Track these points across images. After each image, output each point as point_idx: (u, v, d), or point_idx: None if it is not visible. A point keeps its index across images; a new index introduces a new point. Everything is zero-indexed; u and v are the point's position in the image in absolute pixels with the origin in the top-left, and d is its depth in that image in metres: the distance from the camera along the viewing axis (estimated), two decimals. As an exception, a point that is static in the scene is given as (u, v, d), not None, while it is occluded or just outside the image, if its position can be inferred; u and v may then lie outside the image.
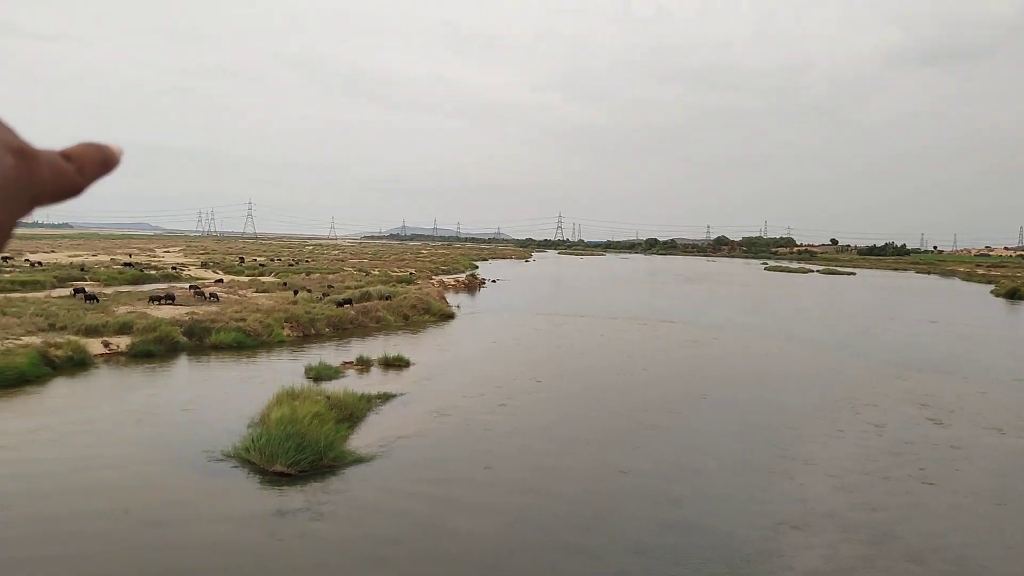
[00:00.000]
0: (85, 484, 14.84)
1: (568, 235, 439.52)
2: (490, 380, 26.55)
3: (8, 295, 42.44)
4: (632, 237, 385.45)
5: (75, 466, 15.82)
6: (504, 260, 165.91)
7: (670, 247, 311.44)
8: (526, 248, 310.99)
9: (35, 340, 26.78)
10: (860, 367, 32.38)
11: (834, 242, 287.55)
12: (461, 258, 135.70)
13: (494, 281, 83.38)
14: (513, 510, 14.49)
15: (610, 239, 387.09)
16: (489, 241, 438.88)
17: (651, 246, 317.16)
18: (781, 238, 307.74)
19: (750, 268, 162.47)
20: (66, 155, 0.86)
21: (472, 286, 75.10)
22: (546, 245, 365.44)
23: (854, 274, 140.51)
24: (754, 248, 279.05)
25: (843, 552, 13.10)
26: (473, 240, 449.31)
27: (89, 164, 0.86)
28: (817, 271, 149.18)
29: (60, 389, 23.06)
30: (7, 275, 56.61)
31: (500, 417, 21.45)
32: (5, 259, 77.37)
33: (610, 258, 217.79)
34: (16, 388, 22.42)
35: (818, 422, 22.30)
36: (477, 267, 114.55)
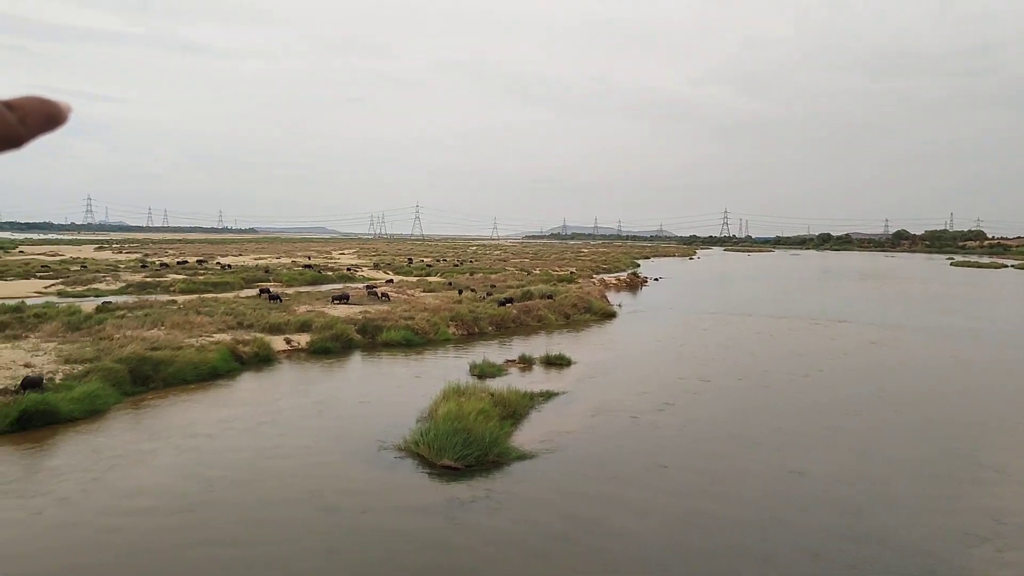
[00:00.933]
0: (273, 471, 15.91)
1: (734, 231, 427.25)
2: (654, 379, 26.22)
3: (202, 296, 46.27)
4: (803, 232, 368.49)
5: (264, 454, 17.01)
6: (667, 258, 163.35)
7: (844, 242, 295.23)
8: (690, 245, 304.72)
9: (225, 337, 29.01)
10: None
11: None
12: (622, 256, 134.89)
13: (656, 279, 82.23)
14: (680, 511, 14.23)
15: (779, 235, 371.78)
16: (651, 239, 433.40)
17: (824, 241, 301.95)
18: (969, 231, 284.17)
19: (933, 264, 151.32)
20: (9, 105, 0.82)
21: (634, 285, 74.41)
22: (711, 242, 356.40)
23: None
24: (938, 242, 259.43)
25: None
26: (635, 238, 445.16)
27: (32, 116, 0.83)
28: (1012, 266, 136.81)
29: (248, 383, 24.84)
30: (201, 277, 61.71)
31: (665, 416, 21.13)
32: (200, 262, 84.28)
33: (779, 254, 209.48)
34: (209, 381, 24.37)
35: (1013, 431, 20.47)
36: (639, 265, 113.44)
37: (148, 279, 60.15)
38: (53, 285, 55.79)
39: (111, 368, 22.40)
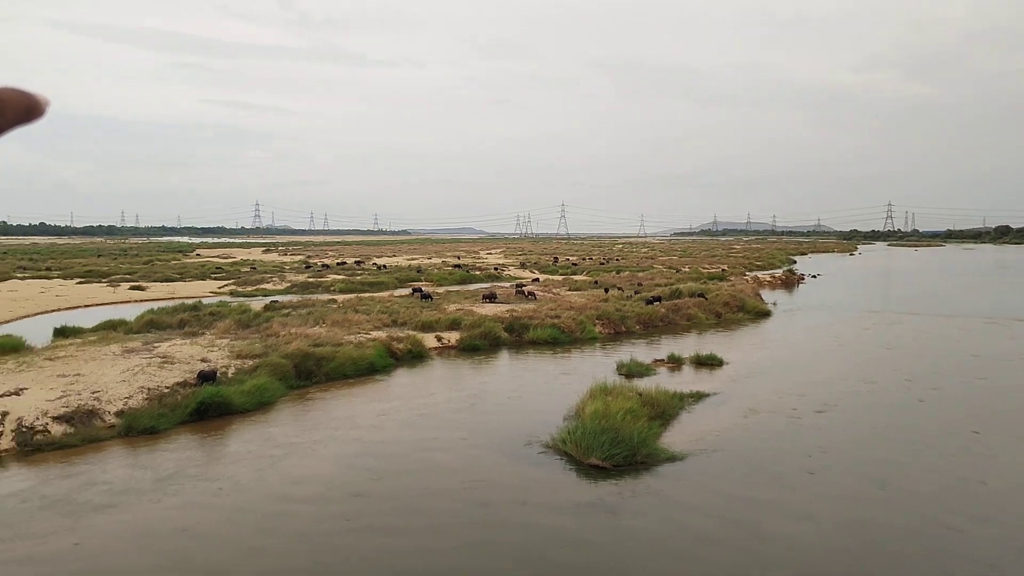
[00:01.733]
0: (429, 463, 16.47)
1: (899, 225, 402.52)
2: (812, 381, 25.16)
3: (359, 295, 48.39)
4: (977, 225, 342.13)
5: (420, 447, 17.63)
6: (825, 254, 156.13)
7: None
8: (850, 241, 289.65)
9: (381, 335, 30.22)
10: None
11: None
12: (777, 253, 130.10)
13: (814, 277, 78.71)
14: (840, 517, 13.58)
15: (950, 228, 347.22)
16: (808, 234, 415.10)
17: (1002, 235, 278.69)
18: None
19: None
20: None
21: (789, 282, 71.61)
22: (874, 237, 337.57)
23: None
24: None
25: None
26: (790, 234, 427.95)
27: (11, 108, 0.83)
28: None
29: (403, 378, 25.79)
30: (358, 277, 64.57)
31: (825, 419, 20.23)
32: (357, 263, 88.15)
33: (950, 249, 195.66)
34: (367, 376, 25.48)
35: None
36: (795, 262, 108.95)
37: (310, 279, 63.59)
38: (226, 285, 60.05)
39: (278, 363, 23.85)
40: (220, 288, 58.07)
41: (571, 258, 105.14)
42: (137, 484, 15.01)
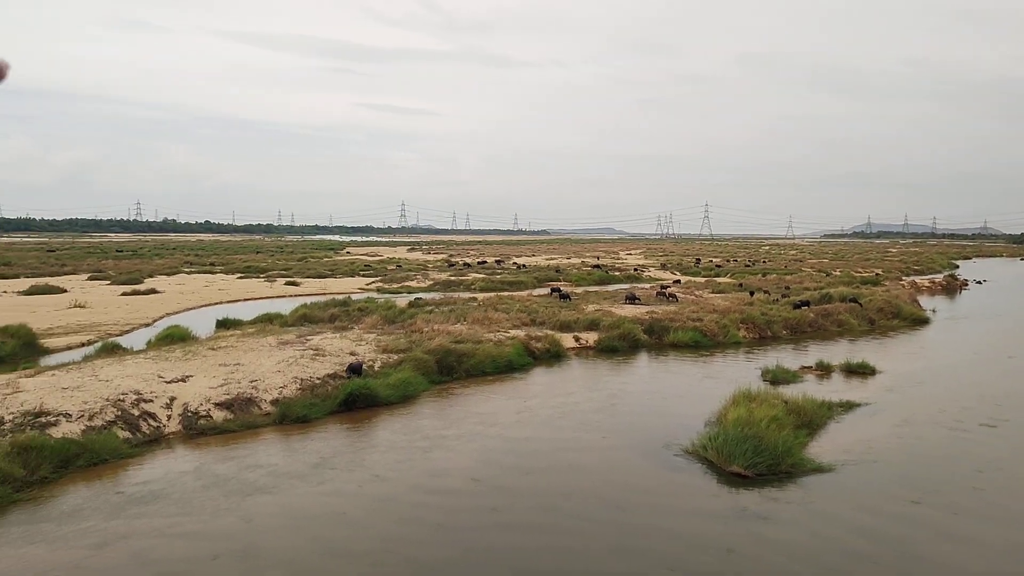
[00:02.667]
0: (567, 463, 16.50)
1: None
2: (977, 393, 23.47)
3: (499, 294, 49.10)
4: None
5: (558, 446, 17.71)
6: (992, 259, 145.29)
7: None
8: (1021, 245, 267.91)
9: (520, 333, 30.54)
10: None
11: None
12: (937, 256, 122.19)
13: (979, 283, 73.42)
14: (1008, 543, 12.59)
15: None
16: (973, 237, 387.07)
17: None
18: None
19: None
20: None
21: (951, 288, 67.08)
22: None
23: None
24: None
25: None
26: (951, 237, 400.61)
27: None
28: None
29: (541, 377, 25.95)
30: (498, 276, 65.52)
31: (991, 436, 18.80)
32: (498, 262, 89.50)
33: None
34: (506, 374, 25.81)
35: None
36: (957, 267, 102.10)
37: (452, 278, 65.15)
38: (373, 282, 62.49)
39: (421, 358, 24.56)
40: (367, 285, 60.47)
41: (714, 260, 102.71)
42: (291, 469, 15.83)
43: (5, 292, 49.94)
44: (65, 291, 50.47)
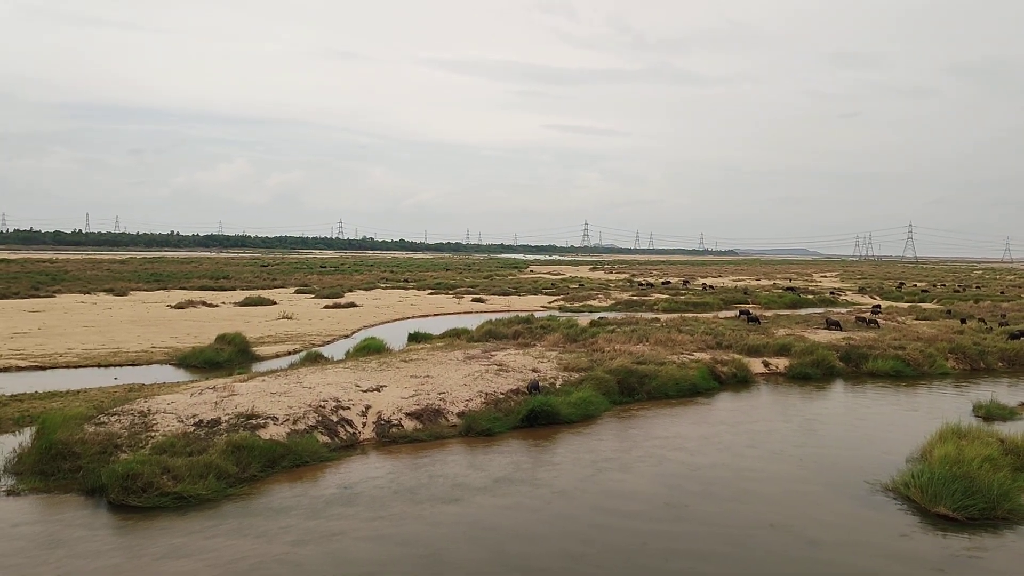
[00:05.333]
0: (752, 493, 15.87)
1: None
2: None
3: (683, 315, 48.17)
4: None
5: (743, 475, 17.06)
6: None
7: None
8: None
9: (704, 356, 29.76)
10: None
11: None
12: None
13: None
14: None
15: None
16: None
17: None
18: None
19: None
20: None
21: None
22: None
23: None
24: None
25: None
26: None
27: None
28: None
29: (726, 403, 25.15)
30: (682, 297, 64.32)
31: None
32: (684, 283, 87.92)
33: None
34: (689, 398, 25.23)
35: None
36: None
37: (635, 297, 64.72)
38: (555, 300, 63.27)
39: (602, 378, 24.52)
40: (550, 303, 61.29)
41: (918, 284, 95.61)
42: (475, 482, 16.26)
43: (224, 303, 55.01)
44: (275, 303, 54.91)
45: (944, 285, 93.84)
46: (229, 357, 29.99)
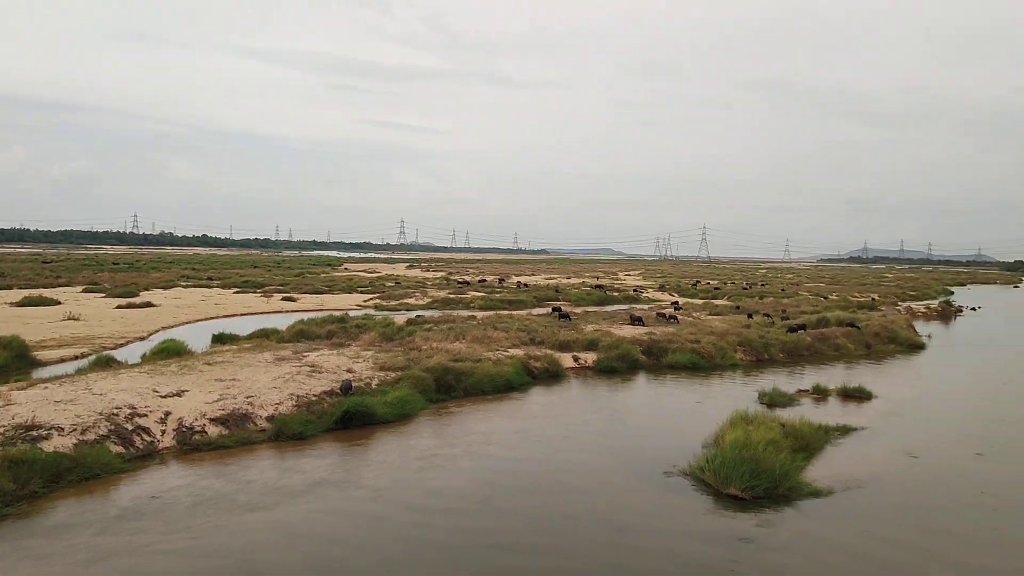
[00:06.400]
0: (564, 484, 16.42)
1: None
2: (971, 423, 23.44)
3: (499, 312, 49.04)
4: None
5: (555, 467, 17.61)
6: (986, 285, 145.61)
7: None
8: (1015, 272, 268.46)
9: (519, 352, 30.48)
10: None
11: None
12: (932, 283, 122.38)
13: (974, 309, 73.52)
14: (997, 571, 12.53)
15: None
16: (967, 264, 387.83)
17: None
18: None
19: None
20: None
21: (946, 314, 67.17)
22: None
23: None
24: None
25: None
26: (947, 263, 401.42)
27: None
28: None
29: (539, 397, 25.87)
30: (497, 295, 65.49)
31: (987, 465, 18.75)
32: (500, 281, 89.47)
33: None
34: (504, 394, 25.73)
35: None
36: (951, 293, 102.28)
37: (451, 295, 65.11)
38: (371, 299, 62.40)
39: (419, 376, 24.49)
40: (365, 301, 60.39)
41: (712, 282, 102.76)
42: (286, 486, 15.72)
43: (-1, 303, 49.76)
44: (59, 303, 50.26)
45: (734, 283, 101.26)
46: (4, 363, 27.14)
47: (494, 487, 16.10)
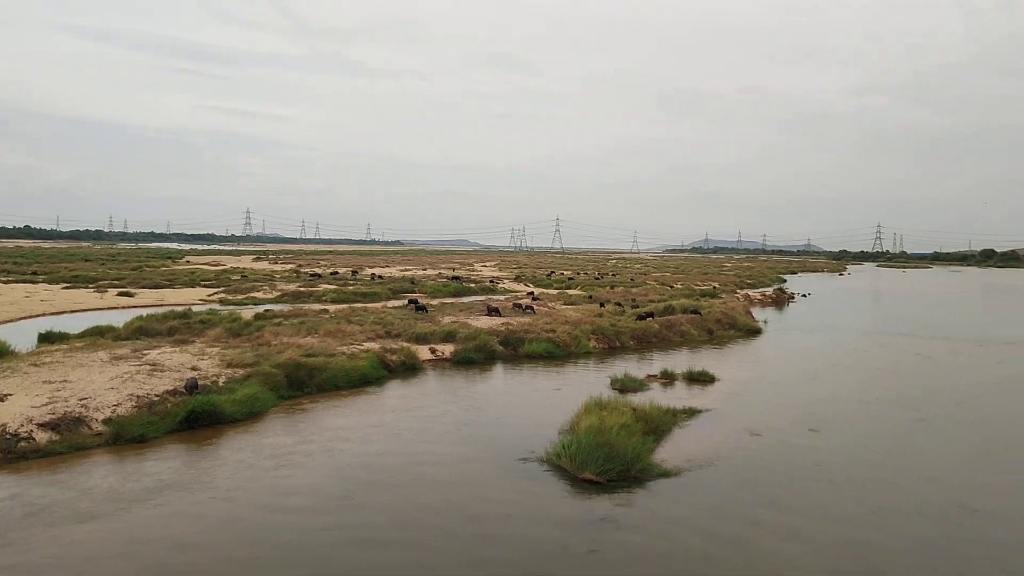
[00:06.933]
0: (422, 477, 16.27)
1: (888, 246, 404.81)
2: (803, 402, 25.07)
3: (352, 305, 48.10)
4: (964, 248, 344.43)
5: (412, 460, 17.43)
6: (815, 273, 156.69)
7: (1011, 259, 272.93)
8: (839, 261, 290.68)
9: (374, 346, 30.01)
10: None
11: None
12: (767, 271, 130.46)
13: (804, 295, 78.96)
14: (837, 539, 13.46)
15: (937, 250, 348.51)
16: (798, 253, 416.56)
17: (987, 258, 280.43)
18: None
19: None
20: None
21: (780, 301, 71.72)
22: (862, 257, 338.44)
23: None
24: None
25: None
26: (780, 252, 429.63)
27: None
28: None
29: (396, 391, 25.56)
30: (351, 287, 64.25)
31: (820, 440, 20.12)
32: (353, 273, 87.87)
33: (937, 271, 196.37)
34: (360, 388, 25.24)
35: None
36: (785, 281, 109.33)
37: (302, 288, 63.22)
38: (216, 293, 59.65)
39: (269, 373, 23.62)
40: (209, 296, 57.67)
41: (565, 272, 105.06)
42: (124, 493, 14.75)
43: None
44: None
45: (586, 273, 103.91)
46: None
47: (351, 483, 15.75)
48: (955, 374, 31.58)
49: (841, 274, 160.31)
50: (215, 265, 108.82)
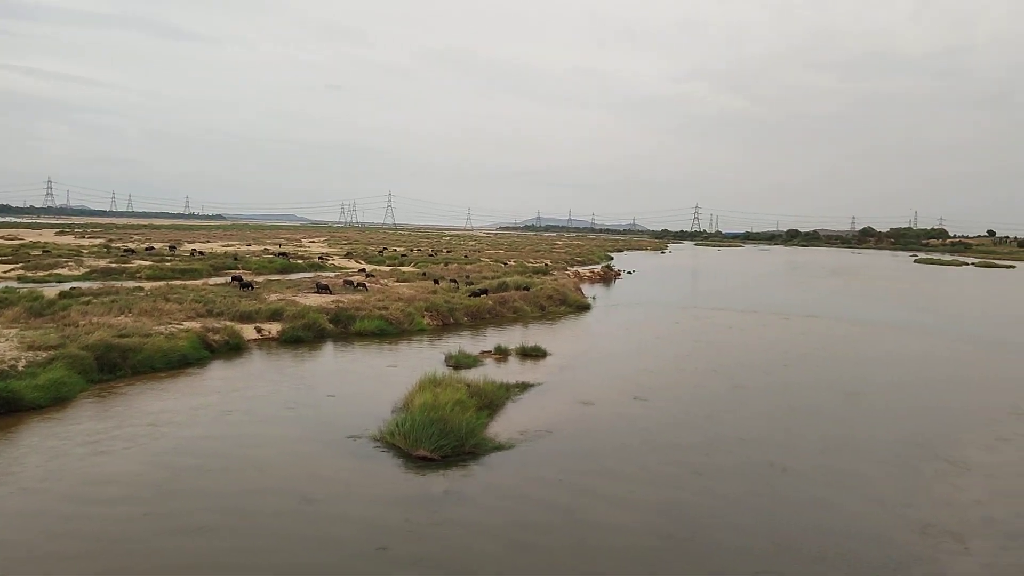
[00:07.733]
0: (248, 460, 15.60)
1: (705, 226, 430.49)
2: (630, 373, 26.17)
3: (170, 282, 45.43)
4: (772, 228, 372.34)
5: (238, 443, 16.68)
6: (639, 251, 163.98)
7: (812, 238, 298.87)
8: (662, 239, 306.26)
9: (195, 325, 28.45)
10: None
11: (991, 233, 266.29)
12: (596, 249, 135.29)
13: (630, 272, 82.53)
14: (660, 502, 14.15)
15: (748, 230, 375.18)
16: (624, 232, 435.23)
17: (792, 237, 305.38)
18: (932, 229, 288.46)
19: (898, 261, 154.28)
20: None
21: (607, 277, 74.56)
22: (682, 236, 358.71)
23: (1013, 267, 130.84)
24: (903, 240, 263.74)
25: (1004, 560, 12.17)
26: (608, 231, 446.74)
27: None
28: (972, 263, 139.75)
29: (219, 371, 24.37)
30: (168, 264, 60.65)
31: (643, 409, 21.06)
32: (171, 248, 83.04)
33: (749, 250, 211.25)
34: (179, 369, 23.89)
35: (979, 427, 20.73)
36: (612, 258, 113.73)
37: (113, 265, 58.94)
38: (13, 269, 54.52)
39: (77, 355, 21.84)
40: (5, 272, 52.65)
41: (399, 249, 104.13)
42: (-96, 491, 13.19)
43: None
44: None
45: (420, 250, 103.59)
46: None
47: (168, 469, 14.85)
48: (764, 346, 33.98)
49: (663, 252, 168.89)
50: (12, 239, 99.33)
